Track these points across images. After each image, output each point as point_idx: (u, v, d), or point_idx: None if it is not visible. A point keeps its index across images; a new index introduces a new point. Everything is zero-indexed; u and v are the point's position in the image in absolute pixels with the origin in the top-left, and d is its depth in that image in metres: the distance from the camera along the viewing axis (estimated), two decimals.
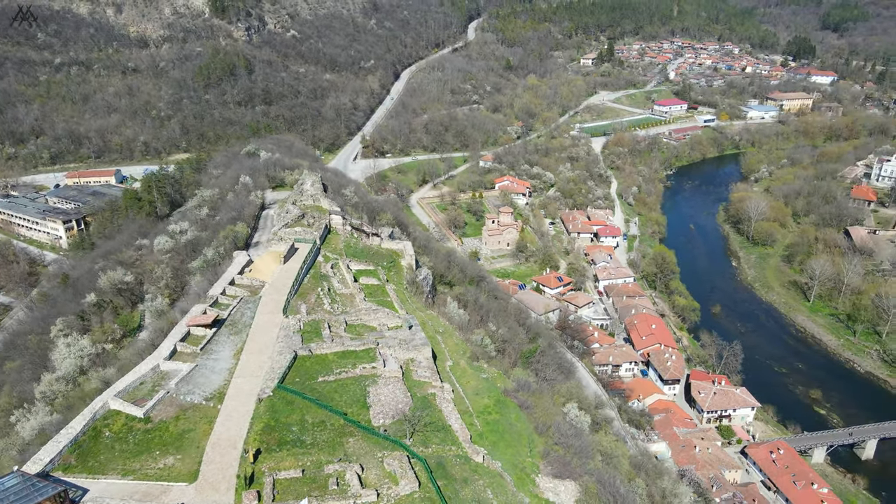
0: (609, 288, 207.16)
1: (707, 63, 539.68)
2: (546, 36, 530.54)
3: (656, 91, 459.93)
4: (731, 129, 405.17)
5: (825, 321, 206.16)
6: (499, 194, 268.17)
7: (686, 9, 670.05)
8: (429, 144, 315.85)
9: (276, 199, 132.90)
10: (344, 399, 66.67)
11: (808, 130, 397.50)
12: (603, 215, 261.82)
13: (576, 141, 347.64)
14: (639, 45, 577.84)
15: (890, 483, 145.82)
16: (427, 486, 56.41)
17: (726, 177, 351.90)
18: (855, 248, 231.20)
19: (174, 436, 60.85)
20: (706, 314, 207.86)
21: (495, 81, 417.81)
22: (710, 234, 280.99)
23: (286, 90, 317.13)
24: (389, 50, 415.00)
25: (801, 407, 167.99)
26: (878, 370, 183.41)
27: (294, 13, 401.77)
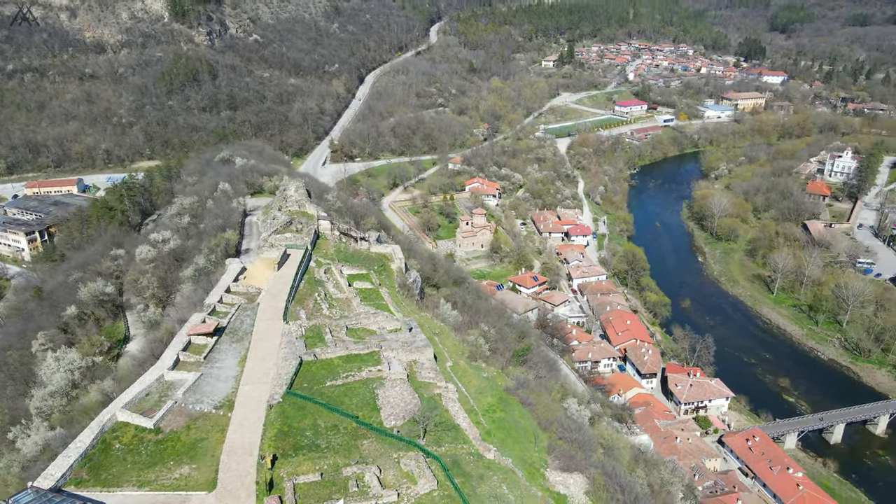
0: (583, 286, 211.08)
1: (664, 64, 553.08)
2: (507, 38, 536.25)
3: (617, 92, 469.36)
4: (689, 128, 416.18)
5: (789, 312, 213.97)
6: (469, 196, 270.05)
7: (641, 11, 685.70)
8: (397, 148, 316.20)
9: (256, 205, 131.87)
10: (354, 402, 67.20)
11: (763, 129, 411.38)
12: (572, 215, 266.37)
13: (541, 142, 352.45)
14: (597, 48, 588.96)
15: (858, 465, 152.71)
16: (445, 485, 57.48)
17: (687, 175, 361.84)
18: (813, 241, 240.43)
19: (187, 445, 60.50)
20: (676, 309, 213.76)
21: (459, 84, 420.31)
22: (676, 231, 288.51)
23: (251, 95, 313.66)
24: (353, 54, 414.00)
25: (771, 395, 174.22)
26: (840, 357, 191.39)
27: (256, 17, 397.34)
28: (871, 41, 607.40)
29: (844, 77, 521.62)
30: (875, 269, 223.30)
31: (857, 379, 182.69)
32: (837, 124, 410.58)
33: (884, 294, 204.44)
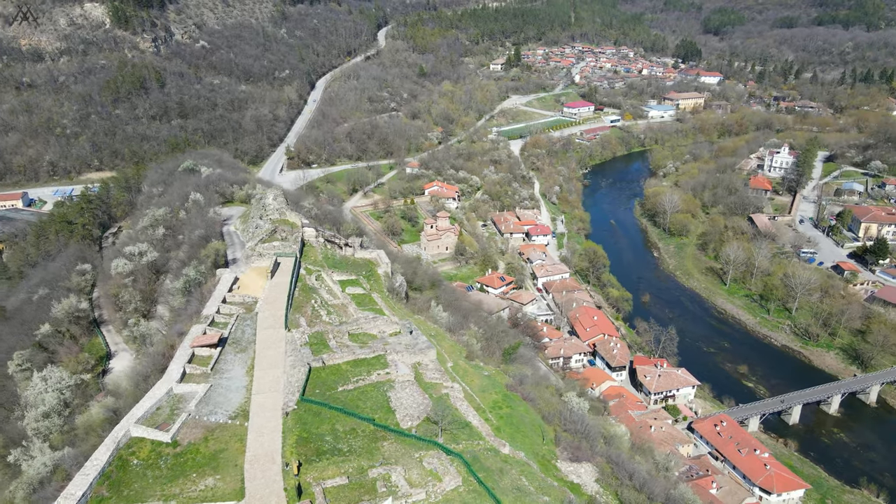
0: (548, 284, 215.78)
1: (607, 66, 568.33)
2: (455, 42, 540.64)
3: (564, 94, 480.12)
4: (635, 128, 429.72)
5: (742, 302, 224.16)
6: (429, 200, 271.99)
7: (582, 15, 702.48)
8: (353, 153, 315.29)
9: (229, 214, 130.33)
10: (368, 405, 68.17)
11: (704, 127, 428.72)
12: (531, 215, 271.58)
13: (495, 144, 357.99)
14: (543, 51, 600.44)
15: (815, 443, 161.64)
16: (468, 480, 59.23)
17: (636, 173, 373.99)
18: (759, 233, 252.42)
19: (207, 457, 60.34)
20: (637, 303, 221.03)
21: (411, 88, 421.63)
22: (630, 228, 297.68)
23: (202, 103, 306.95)
24: (303, 59, 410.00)
25: (732, 382, 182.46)
26: (791, 343, 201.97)
27: (201, 23, 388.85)
28: (797, 42, 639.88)
29: (775, 77, 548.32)
30: (817, 258, 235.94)
31: (809, 362, 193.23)
32: (772, 122, 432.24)
33: (827, 281, 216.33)
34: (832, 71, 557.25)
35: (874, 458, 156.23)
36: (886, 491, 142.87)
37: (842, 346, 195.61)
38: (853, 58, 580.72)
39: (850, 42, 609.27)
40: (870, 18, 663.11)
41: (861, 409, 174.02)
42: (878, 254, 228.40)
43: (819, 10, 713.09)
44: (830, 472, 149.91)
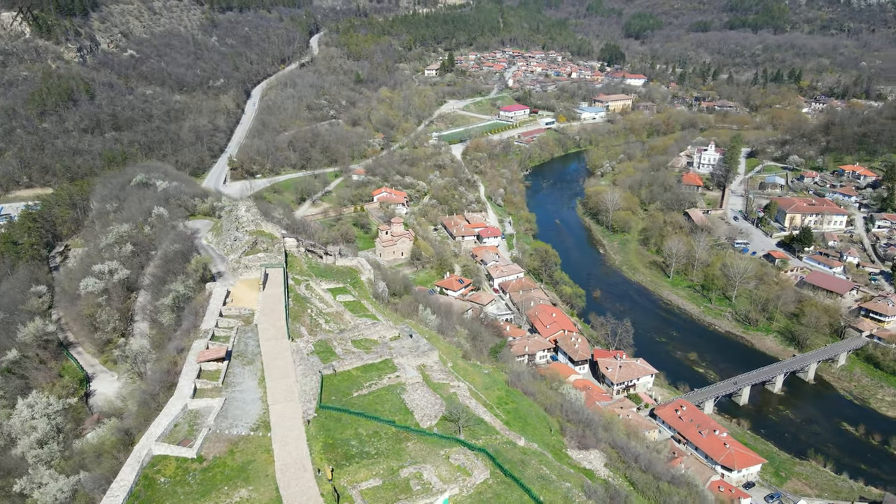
0: (504, 284, 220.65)
1: (538, 70, 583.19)
2: (388, 49, 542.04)
3: (500, 98, 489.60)
4: (570, 129, 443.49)
5: (685, 293, 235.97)
6: (379, 206, 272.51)
7: (510, 21, 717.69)
8: (297, 162, 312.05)
9: (196, 228, 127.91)
10: (386, 408, 69.59)
11: (634, 127, 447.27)
12: (480, 218, 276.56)
13: (437, 149, 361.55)
14: (475, 56, 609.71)
15: (764, 421, 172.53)
16: (495, 472, 61.72)
17: (575, 173, 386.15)
18: (695, 227, 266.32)
19: (236, 469, 60.35)
20: (590, 299, 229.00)
21: (349, 95, 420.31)
22: (574, 227, 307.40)
23: (136, 114, 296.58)
24: (237, 68, 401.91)
25: (684, 368, 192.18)
26: (734, 329, 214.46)
27: (127, 31, 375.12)
28: (712, 45, 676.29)
29: (694, 78, 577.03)
30: (750, 248, 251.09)
31: (751, 346, 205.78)
32: (696, 121, 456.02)
33: (761, 270, 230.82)
34: (746, 72, 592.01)
35: (817, 430, 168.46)
36: (832, 460, 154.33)
37: (779, 329, 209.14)
38: (763, 59, 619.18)
39: (759, 45, 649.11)
40: (776, 22, 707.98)
41: (801, 387, 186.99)
42: (804, 242, 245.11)
43: (730, 14, 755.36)
44: (781, 446, 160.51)
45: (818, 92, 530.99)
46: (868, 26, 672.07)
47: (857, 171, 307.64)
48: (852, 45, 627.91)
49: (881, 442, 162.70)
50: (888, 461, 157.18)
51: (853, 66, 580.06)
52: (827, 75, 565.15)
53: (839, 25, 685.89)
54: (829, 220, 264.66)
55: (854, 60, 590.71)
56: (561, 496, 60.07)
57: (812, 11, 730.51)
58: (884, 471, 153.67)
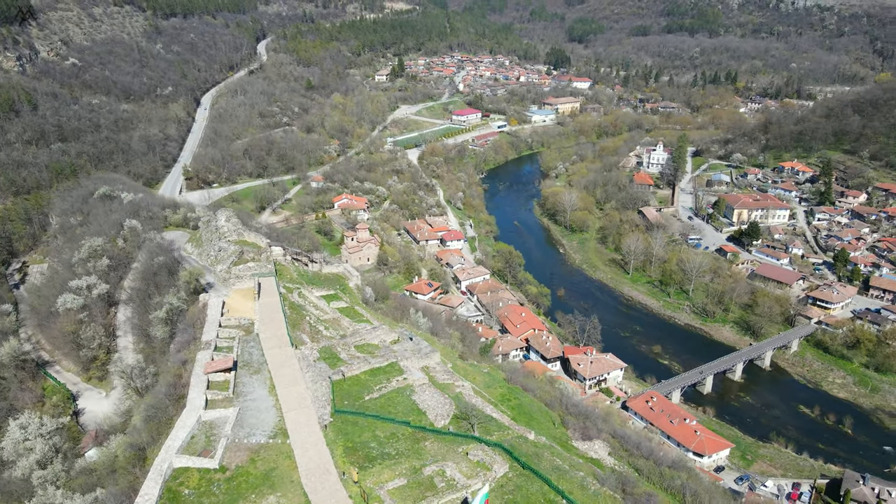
0: (471, 286, 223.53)
1: (487, 74, 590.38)
2: (337, 55, 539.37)
3: (451, 102, 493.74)
4: (522, 132, 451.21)
5: (645, 288, 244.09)
6: (340, 213, 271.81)
7: (457, 26, 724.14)
8: (253, 170, 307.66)
9: (171, 239, 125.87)
10: (399, 410, 70.90)
11: (583, 129, 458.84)
12: (442, 221, 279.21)
13: (394, 154, 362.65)
14: (424, 60, 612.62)
15: (727, 408, 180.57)
16: (514, 466, 63.92)
17: (529, 175, 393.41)
18: (651, 224, 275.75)
19: (260, 477, 60.68)
20: (554, 298, 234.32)
21: (301, 102, 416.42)
22: (533, 227, 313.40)
23: (83, 124, 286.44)
24: (185, 76, 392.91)
25: (649, 361, 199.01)
26: (692, 321, 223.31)
27: (67, 39, 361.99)
28: (652, 48, 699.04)
29: (638, 80, 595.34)
30: (703, 244, 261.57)
31: (710, 337, 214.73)
32: (642, 122, 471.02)
33: (715, 263, 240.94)
34: (685, 74, 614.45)
35: (777, 414, 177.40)
36: (793, 442, 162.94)
37: (735, 319, 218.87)
38: (701, 62, 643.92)
39: (697, 48, 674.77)
40: (710, 26, 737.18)
41: (759, 374, 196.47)
42: (752, 236, 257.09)
43: (667, 18, 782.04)
44: (745, 431, 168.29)
45: (753, 92, 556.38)
46: (796, 29, 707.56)
47: (796, 167, 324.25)
48: (782, 48, 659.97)
49: (835, 422, 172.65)
50: (843, 440, 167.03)
51: (784, 67, 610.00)
52: (760, 76, 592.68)
53: (769, 29, 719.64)
54: (773, 215, 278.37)
55: (784, 62, 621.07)
56: (577, 485, 62.72)
57: (743, 16, 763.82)
58: (840, 449, 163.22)
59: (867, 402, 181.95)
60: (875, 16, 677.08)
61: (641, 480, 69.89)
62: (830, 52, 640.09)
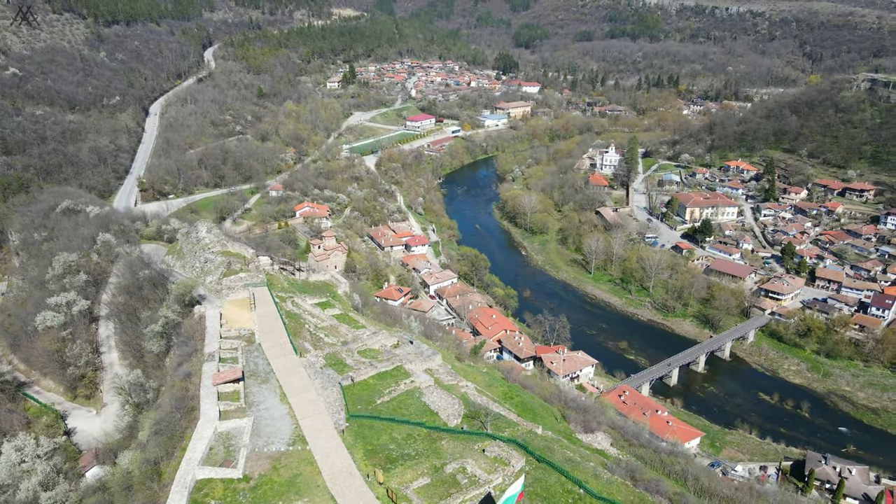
0: (440, 291, 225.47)
1: (438, 80, 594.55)
2: (287, 62, 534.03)
3: (405, 108, 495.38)
4: (476, 136, 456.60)
5: (607, 286, 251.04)
6: (303, 221, 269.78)
7: (406, 32, 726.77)
8: (210, 180, 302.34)
9: (147, 252, 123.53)
10: (411, 412, 72.22)
11: (536, 133, 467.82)
12: (405, 227, 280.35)
13: (351, 161, 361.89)
14: (374, 67, 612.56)
15: (693, 398, 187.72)
16: (530, 460, 66.22)
17: (486, 179, 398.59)
18: (609, 224, 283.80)
19: (285, 484, 61.08)
20: (520, 299, 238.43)
21: (253, 110, 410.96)
22: (494, 230, 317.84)
23: (28, 136, 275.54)
24: (132, 84, 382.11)
25: (617, 357, 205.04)
26: (654, 316, 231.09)
27: (5, 48, 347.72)
28: (597, 53, 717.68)
29: (585, 84, 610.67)
30: (659, 242, 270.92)
31: (672, 331, 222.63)
32: (591, 125, 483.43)
33: (672, 260, 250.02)
34: (630, 78, 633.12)
35: (739, 402, 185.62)
36: (756, 427, 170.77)
37: (694, 313, 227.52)
38: (644, 66, 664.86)
39: (639, 52, 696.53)
40: (651, 31, 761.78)
41: (720, 364, 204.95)
42: (705, 232, 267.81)
43: (610, 24, 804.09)
44: (711, 420, 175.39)
45: (694, 95, 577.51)
46: (731, 34, 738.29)
47: (741, 166, 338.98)
48: (719, 52, 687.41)
49: (793, 407, 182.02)
50: (802, 423, 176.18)
51: (721, 70, 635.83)
52: (700, 79, 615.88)
53: (706, 34, 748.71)
54: (722, 212, 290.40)
55: (722, 65, 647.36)
56: (590, 474, 65.44)
57: (681, 21, 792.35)
58: (800, 432, 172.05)
59: (820, 387, 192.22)
60: (804, 20, 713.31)
61: (646, 468, 73.25)
62: (763, 55, 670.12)
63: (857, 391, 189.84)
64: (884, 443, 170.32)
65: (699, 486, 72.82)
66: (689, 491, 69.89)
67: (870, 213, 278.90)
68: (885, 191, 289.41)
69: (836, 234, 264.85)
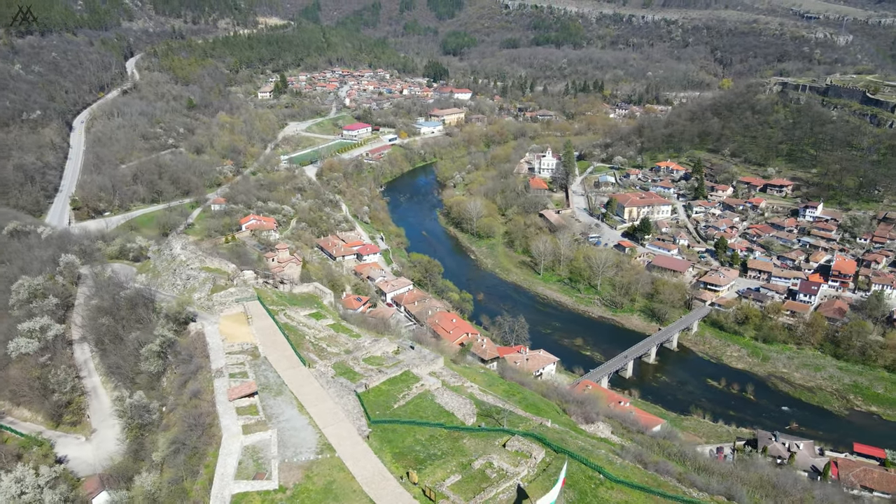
0: (397, 298, 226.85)
1: (371, 88, 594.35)
2: (216, 72, 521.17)
3: (340, 117, 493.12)
4: (414, 144, 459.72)
5: (557, 286, 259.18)
6: (250, 234, 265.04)
7: (334, 41, 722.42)
8: (147, 196, 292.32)
9: (116, 271, 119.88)
10: (428, 414, 74.36)
11: (471, 139, 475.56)
12: (354, 236, 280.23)
13: (292, 172, 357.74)
14: (305, 76, 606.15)
15: (648, 389, 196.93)
16: (549, 452, 69.73)
17: (427, 186, 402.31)
18: (553, 226, 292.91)
19: (321, 492, 62.07)
20: (475, 302, 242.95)
21: (185, 122, 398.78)
22: (440, 236, 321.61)
23: None
24: (53, 98, 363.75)
25: (574, 354, 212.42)
26: (604, 313, 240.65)
27: None
28: (524, 60, 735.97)
29: (515, 90, 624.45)
30: (602, 241, 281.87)
31: (622, 326, 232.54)
32: (525, 130, 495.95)
33: (616, 258, 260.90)
34: (558, 83, 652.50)
35: (691, 389, 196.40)
36: (708, 412, 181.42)
37: (641, 308, 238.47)
38: (569, 72, 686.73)
39: (564, 59, 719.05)
40: (574, 38, 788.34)
41: (669, 355, 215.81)
42: (644, 231, 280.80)
43: (534, 32, 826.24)
44: (667, 407, 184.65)
45: (619, 99, 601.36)
46: (648, 41, 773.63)
47: (671, 166, 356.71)
48: (638, 58, 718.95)
49: (740, 390, 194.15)
50: (749, 405, 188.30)
51: (642, 75, 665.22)
52: (623, 84, 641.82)
53: (625, 41, 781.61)
54: (658, 211, 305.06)
55: (642, 71, 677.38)
56: (605, 461, 69.54)
57: (602, 29, 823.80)
58: (748, 414, 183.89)
59: (761, 370, 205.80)
60: (713, 28, 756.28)
61: (649, 452, 78.09)
62: (679, 61, 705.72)
63: (794, 372, 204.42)
64: (821, 418, 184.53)
65: (697, 464, 78.44)
66: (690, 470, 75.33)
67: (790, 206, 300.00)
68: (801, 186, 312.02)
69: (762, 227, 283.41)
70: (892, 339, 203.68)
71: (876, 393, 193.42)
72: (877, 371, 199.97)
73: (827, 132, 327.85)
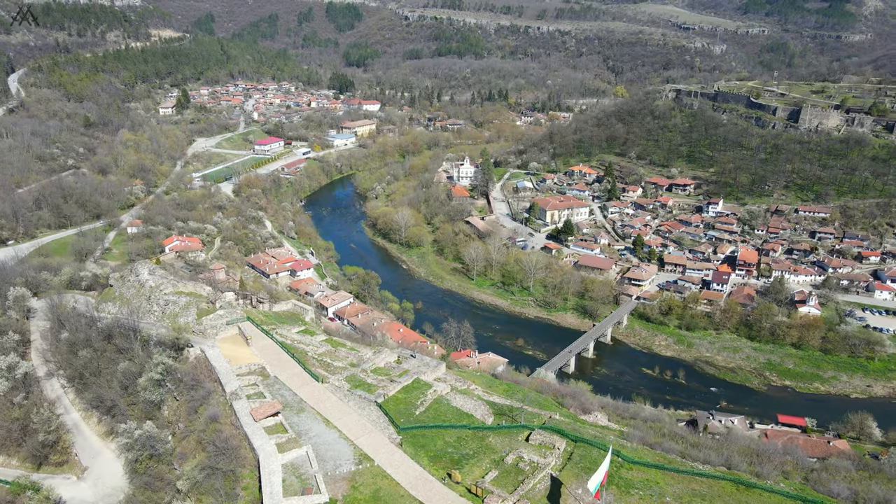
0: (339, 312, 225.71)
1: (277, 102, 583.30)
2: (111, 87, 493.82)
3: (250, 132, 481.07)
4: (329, 157, 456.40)
5: (491, 290, 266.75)
6: (175, 256, 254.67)
7: (233, 53, 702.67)
8: (53, 221, 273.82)
9: (75, 301, 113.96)
10: (450, 417, 77.25)
11: (386, 150, 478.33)
12: (285, 253, 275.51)
13: (208, 189, 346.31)
14: (207, 90, 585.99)
15: (590, 381, 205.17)
16: (568, 441, 74.63)
17: (348, 198, 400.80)
18: (481, 233, 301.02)
19: (370, 500, 63.65)
20: (415, 311, 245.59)
21: (84, 141, 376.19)
22: (368, 248, 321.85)
23: None
24: None
25: (517, 354, 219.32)
26: (540, 313, 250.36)
27: None
28: (428, 70, 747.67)
29: (422, 101, 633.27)
30: (529, 244, 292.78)
31: (558, 325, 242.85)
32: (438, 139, 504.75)
33: (545, 260, 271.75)
34: (463, 93, 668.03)
35: (629, 379, 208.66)
36: (648, 399, 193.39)
37: (573, 306, 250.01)
38: (474, 81, 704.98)
39: (468, 69, 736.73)
40: (475, 49, 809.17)
41: (604, 349, 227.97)
42: (567, 232, 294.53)
43: (436, 43, 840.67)
44: (613, 396, 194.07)
45: (523, 107, 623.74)
46: (545, 51, 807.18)
47: (584, 170, 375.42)
48: (537, 67, 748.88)
49: (672, 376, 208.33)
50: (682, 389, 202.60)
51: (542, 84, 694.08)
52: (526, 92, 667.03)
53: (524, 51, 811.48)
54: (577, 213, 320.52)
55: (542, 79, 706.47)
56: (618, 445, 75.34)
57: (500, 39, 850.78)
58: (682, 397, 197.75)
59: (688, 356, 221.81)
60: (604, 38, 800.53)
61: (647, 434, 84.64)
62: (575, 69, 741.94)
63: (716, 355, 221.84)
64: (745, 395, 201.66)
65: (688, 442, 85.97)
66: (688, 446, 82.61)
67: (694, 203, 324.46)
68: (702, 184, 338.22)
69: (672, 224, 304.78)
70: (795, 320, 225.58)
71: (787, 368, 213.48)
72: (786, 349, 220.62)
73: (720, 134, 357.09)
